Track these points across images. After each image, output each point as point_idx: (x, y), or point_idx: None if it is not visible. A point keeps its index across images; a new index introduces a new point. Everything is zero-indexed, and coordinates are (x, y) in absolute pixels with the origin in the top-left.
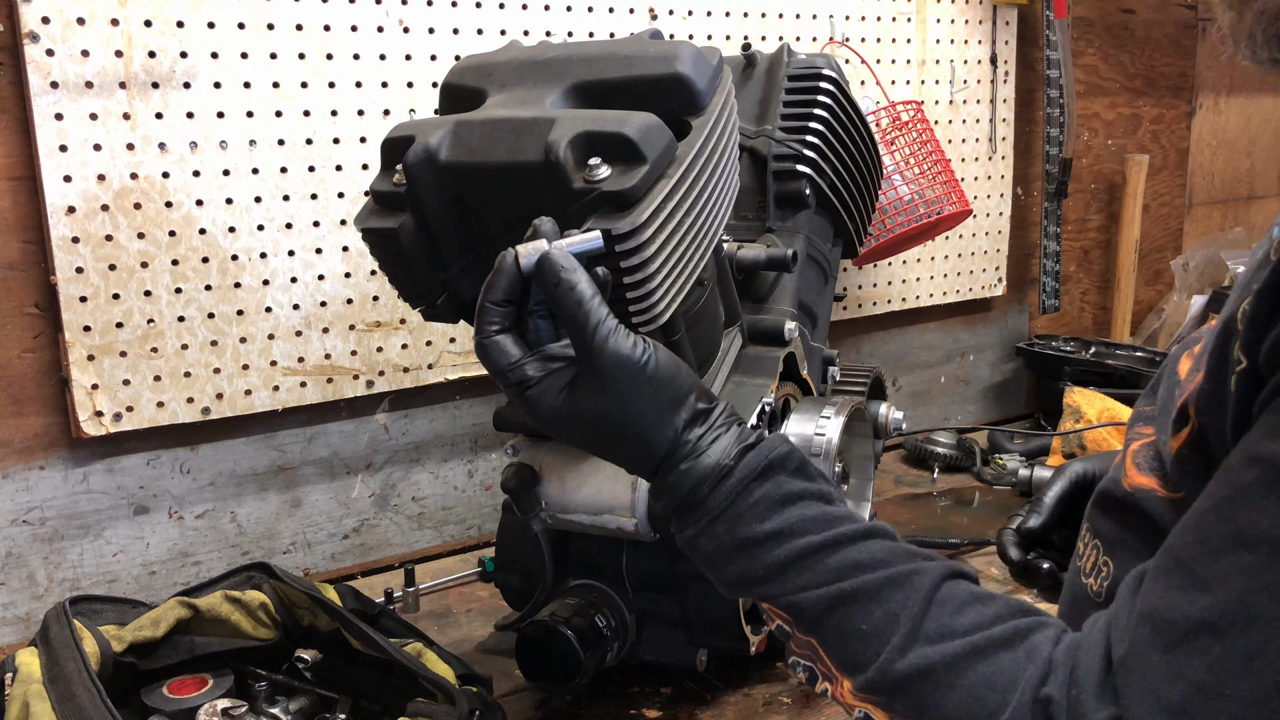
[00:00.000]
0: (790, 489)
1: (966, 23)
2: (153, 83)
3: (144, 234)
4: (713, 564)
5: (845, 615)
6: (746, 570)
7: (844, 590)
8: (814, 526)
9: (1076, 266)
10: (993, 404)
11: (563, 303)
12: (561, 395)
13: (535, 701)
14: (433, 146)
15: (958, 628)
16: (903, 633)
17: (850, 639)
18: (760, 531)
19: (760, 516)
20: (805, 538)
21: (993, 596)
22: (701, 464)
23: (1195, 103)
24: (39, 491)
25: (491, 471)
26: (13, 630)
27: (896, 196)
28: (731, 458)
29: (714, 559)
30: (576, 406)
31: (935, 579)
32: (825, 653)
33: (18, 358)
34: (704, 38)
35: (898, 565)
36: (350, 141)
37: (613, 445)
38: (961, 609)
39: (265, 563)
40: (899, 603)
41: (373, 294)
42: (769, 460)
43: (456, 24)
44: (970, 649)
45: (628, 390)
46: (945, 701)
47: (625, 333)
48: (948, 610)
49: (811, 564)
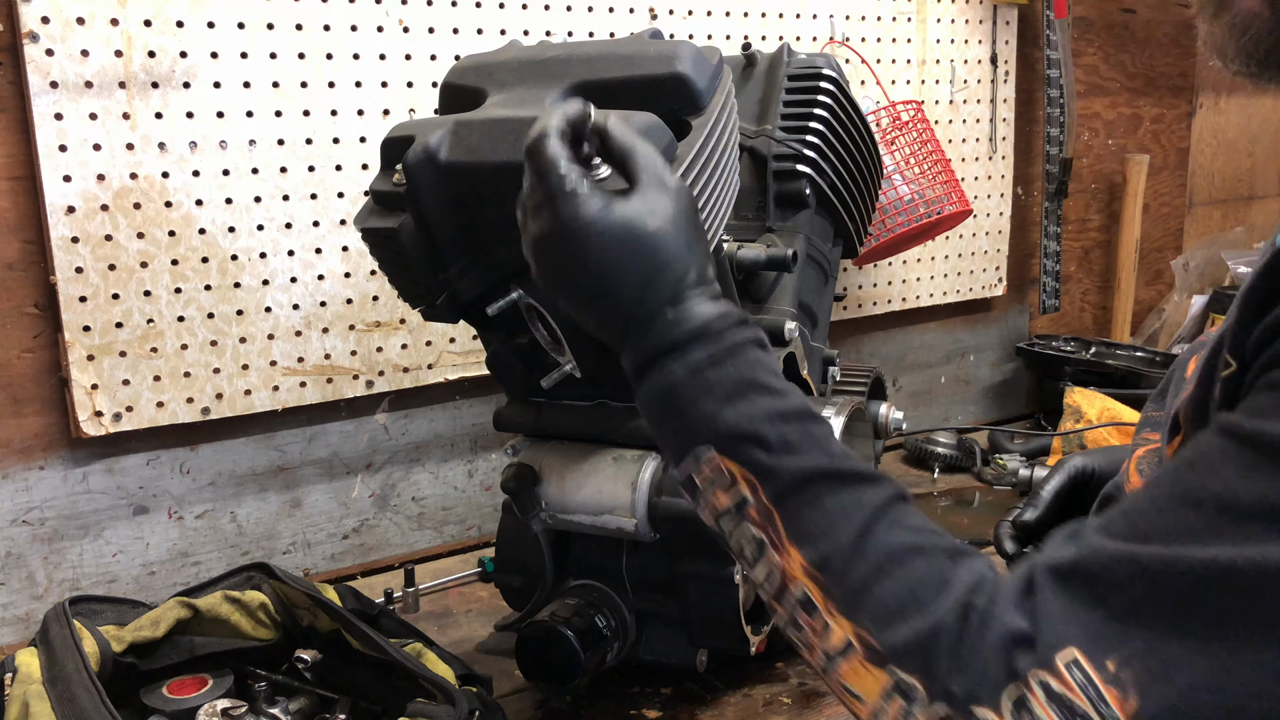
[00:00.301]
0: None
1: (967, 22)
2: (152, 82)
3: (144, 234)
4: (699, 401)
5: (817, 491)
6: (745, 414)
7: (825, 468)
8: (804, 403)
9: (1077, 266)
10: (993, 404)
11: (626, 137)
12: (606, 201)
13: (535, 701)
14: (433, 146)
15: (912, 526)
16: (863, 520)
17: (814, 515)
18: (771, 382)
19: (771, 369)
20: (806, 404)
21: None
22: (724, 302)
23: (1195, 102)
24: (39, 491)
25: (491, 471)
26: (13, 630)
27: (896, 196)
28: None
29: (706, 394)
30: (620, 211)
31: (903, 490)
32: (783, 523)
33: (17, 358)
34: (704, 38)
35: (872, 468)
36: (350, 141)
37: (639, 260)
38: (920, 519)
39: (265, 563)
40: (868, 494)
41: (373, 294)
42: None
43: (456, 24)
44: (915, 547)
45: (680, 209)
46: (882, 589)
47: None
48: (907, 515)
49: (809, 429)
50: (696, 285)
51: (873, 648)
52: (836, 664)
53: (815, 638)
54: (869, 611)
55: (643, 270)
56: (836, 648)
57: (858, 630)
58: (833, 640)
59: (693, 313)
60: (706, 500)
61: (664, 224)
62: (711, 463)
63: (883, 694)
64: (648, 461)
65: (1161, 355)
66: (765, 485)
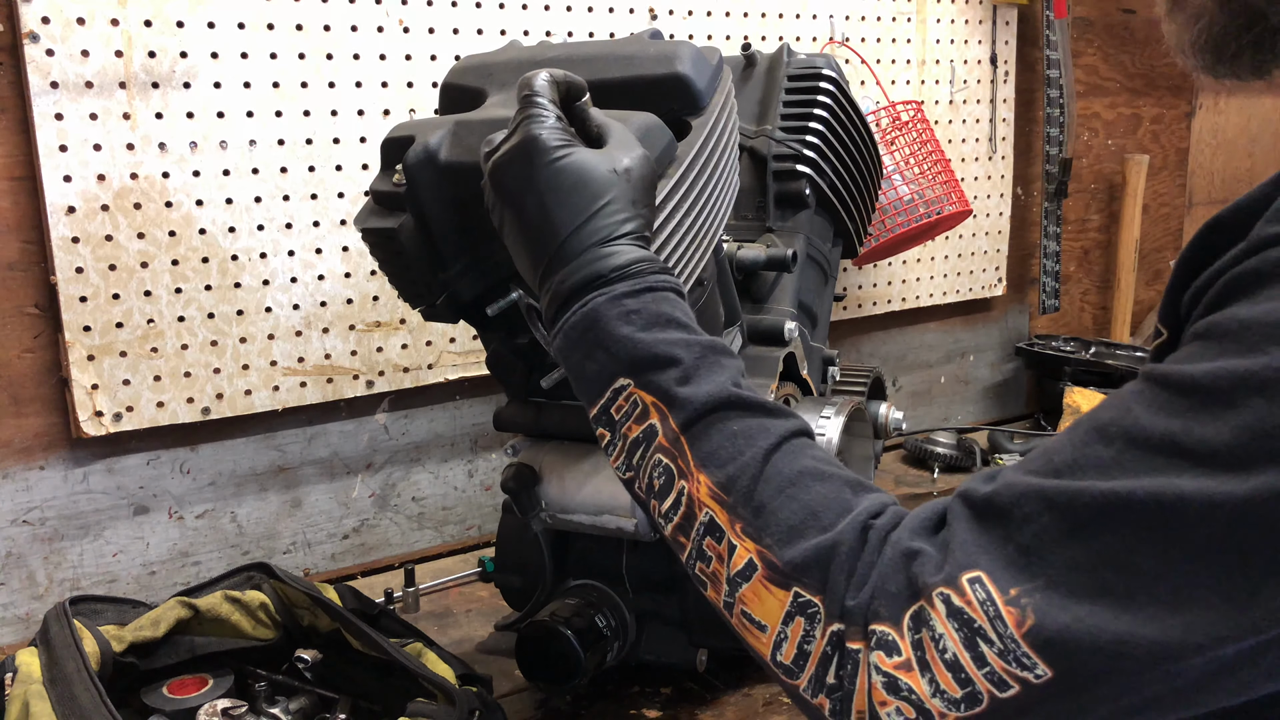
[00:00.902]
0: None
1: (966, 23)
2: (153, 83)
3: (144, 234)
4: (619, 328)
5: (725, 417)
6: (661, 339)
7: (733, 395)
8: (719, 340)
9: (1076, 266)
10: (993, 404)
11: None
12: (570, 141)
13: (535, 701)
14: (433, 146)
15: (816, 456)
16: (769, 445)
17: (721, 439)
18: (687, 321)
19: (687, 313)
20: (719, 341)
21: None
22: (640, 248)
23: (1195, 103)
24: (39, 491)
25: (491, 471)
26: (13, 630)
27: (896, 196)
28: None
29: (626, 322)
30: (581, 154)
31: (807, 426)
32: (690, 449)
33: (18, 358)
34: (704, 38)
35: (779, 404)
36: (350, 141)
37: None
38: (823, 453)
39: (265, 563)
40: (775, 424)
41: (373, 294)
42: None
43: (456, 24)
44: (819, 472)
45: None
46: (784, 509)
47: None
48: (811, 447)
49: (721, 361)
50: (631, 237)
51: (774, 565)
52: (739, 589)
53: (720, 565)
54: (771, 530)
55: (585, 208)
56: (739, 569)
57: (760, 549)
58: (736, 562)
59: (620, 252)
60: (619, 434)
61: (616, 177)
62: (628, 395)
63: (784, 617)
64: None
65: None
66: (675, 412)
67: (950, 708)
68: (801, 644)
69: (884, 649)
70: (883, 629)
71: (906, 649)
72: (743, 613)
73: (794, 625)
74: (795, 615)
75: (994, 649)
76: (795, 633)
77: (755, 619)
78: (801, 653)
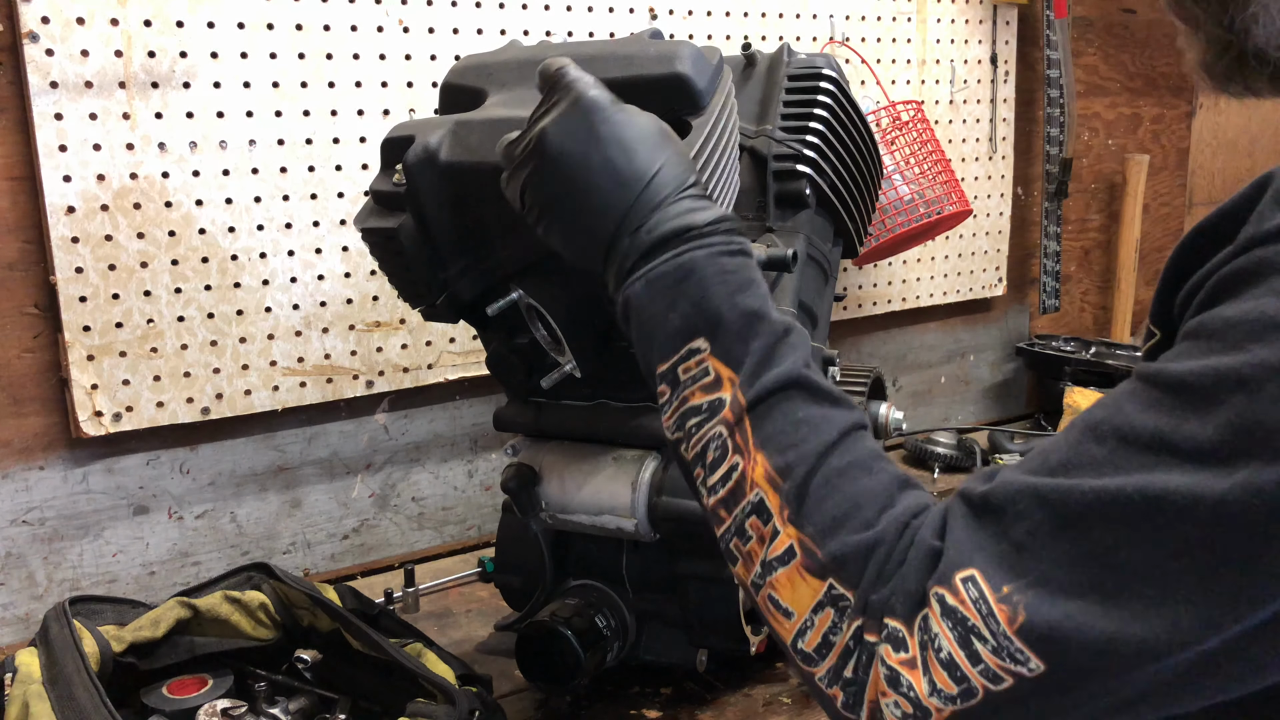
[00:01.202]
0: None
1: (967, 22)
2: (152, 82)
3: (144, 234)
4: (714, 286)
5: (791, 401)
6: (745, 316)
7: (801, 377)
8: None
9: (1077, 266)
10: (993, 404)
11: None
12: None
13: (535, 702)
14: (433, 146)
15: (870, 451)
16: (830, 437)
17: (785, 425)
18: (764, 287)
19: (760, 276)
20: (789, 320)
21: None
22: (712, 207)
23: (1196, 102)
24: (38, 492)
25: (491, 471)
26: (12, 630)
27: (896, 196)
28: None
29: (721, 281)
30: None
31: (864, 419)
32: (753, 429)
33: (17, 358)
34: (704, 38)
35: (842, 392)
36: (350, 141)
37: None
38: (876, 447)
39: (265, 563)
40: (838, 415)
41: (372, 294)
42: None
43: (456, 24)
44: (870, 469)
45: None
46: (833, 502)
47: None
48: (866, 440)
49: (792, 342)
50: (699, 188)
51: (814, 555)
52: (773, 573)
53: (758, 546)
54: (816, 521)
55: (655, 159)
56: (778, 554)
57: (802, 537)
58: (776, 547)
59: (705, 206)
60: (680, 396)
61: (667, 131)
62: (701, 360)
63: (814, 606)
64: (648, 461)
65: None
66: (746, 389)
67: (946, 703)
68: (827, 634)
69: (892, 644)
70: (894, 624)
71: (914, 647)
72: (770, 597)
73: (822, 615)
74: (826, 606)
75: (988, 646)
76: (822, 623)
77: (783, 605)
78: (825, 643)
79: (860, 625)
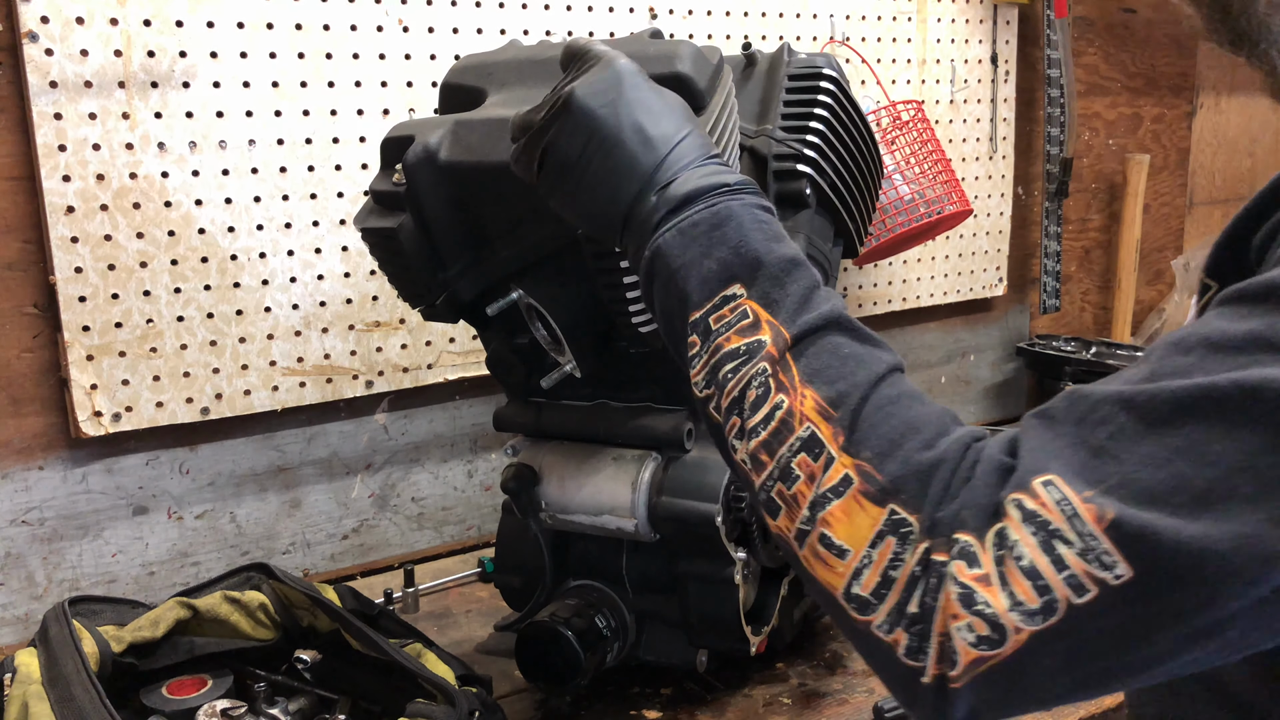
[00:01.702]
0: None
1: (967, 22)
2: (152, 82)
3: (143, 234)
4: (750, 235)
5: (838, 341)
6: (783, 261)
7: (844, 318)
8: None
9: (1077, 266)
10: (993, 404)
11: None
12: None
13: (535, 702)
14: (432, 146)
15: (915, 389)
16: (879, 371)
17: (833, 360)
18: (787, 235)
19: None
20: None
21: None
22: (738, 173)
23: (1196, 102)
24: (38, 492)
25: (491, 471)
26: (12, 631)
27: (897, 196)
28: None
29: (757, 230)
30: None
31: (898, 361)
32: (797, 366)
33: (17, 358)
34: (704, 37)
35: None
36: (350, 141)
37: (684, 111)
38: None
39: (264, 563)
40: (882, 353)
41: (372, 294)
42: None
43: (456, 23)
44: (921, 397)
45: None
46: (889, 426)
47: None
48: (908, 381)
49: (827, 290)
50: (721, 158)
51: (873, 478)
52: (826, 507)
53: (807, 485)
54: (874, 445)
55: (682, 125)
56: (833, 484)
57: (858, 463)
58: (831, 477)
59: (732, 169)
60: (713, 345)
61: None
62: (737, 306)
63: (873, 538)
64: (648, 461)
65: None
66: (789, 326)
67: (1026, 620)
68: (887, 570)
69: (965, 559)
70: (966, 539)
71: (988, 562)
72: (822, 537)
73: (882, 547)
74: (886, 535)
75: (1073, 549)
76: (882, 556)
77: (836, 543)
78: (885, 580)
79: (928, 547)
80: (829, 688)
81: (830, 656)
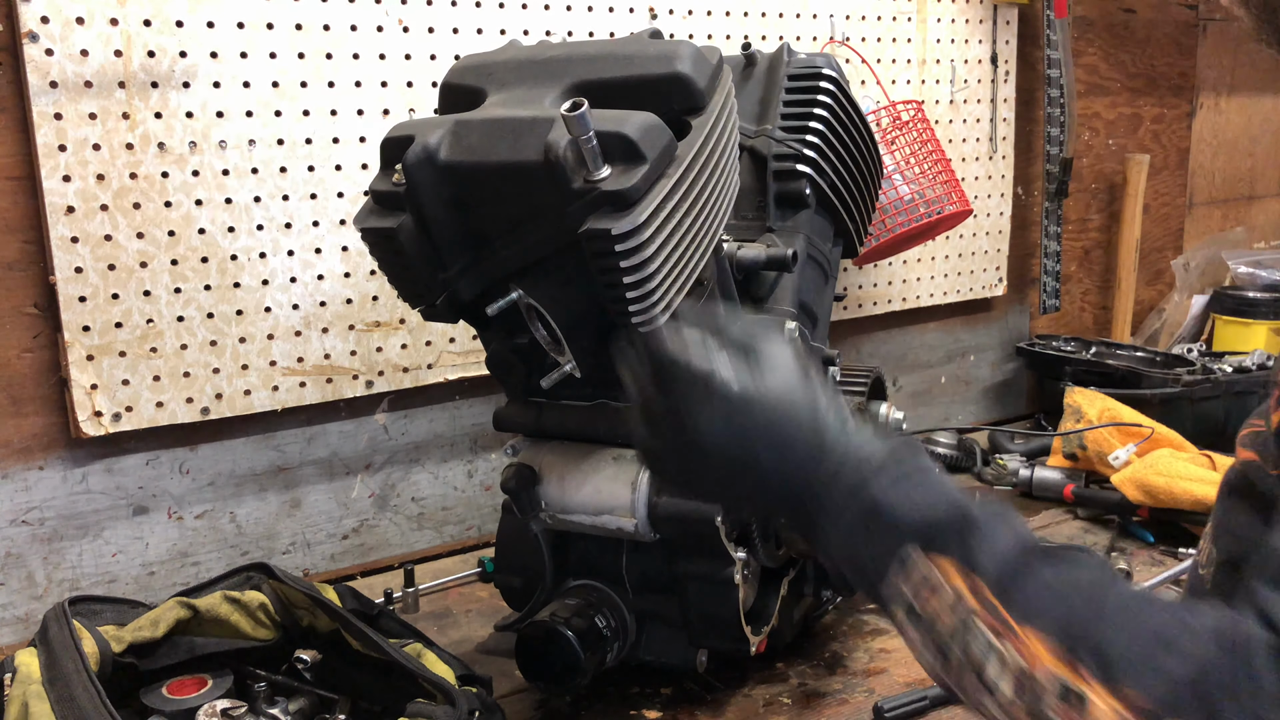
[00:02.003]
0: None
1: (967, 22)
2: (152, 82)
3: (143, 234)
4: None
5: (1036, 568)
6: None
7: (1032, 544)
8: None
9: (1077, 266)
10: (993, 404)
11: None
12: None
13: (535, 702)
14: (432, 146)
15: (1129, 587)
16: (1089, 588)
17: (1038, 590)
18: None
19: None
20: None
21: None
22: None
23: (1196, 102)
24: (38, 492)
25: (491, 471)
26: (12, 630)
27: (897, 196)
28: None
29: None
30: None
31: (1102, 557)
32: (1009, 611)
33: (17, 358)
34: (704, 37)
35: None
36: (350, 141)
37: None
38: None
39: (264, 563)
40: (1082, 563)
41: (372, 294)
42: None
43: (456, 24)
44: (1147, 599)
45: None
46: (1135, 647)
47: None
48: (1116, 573)
49: (1000, 513)
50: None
51: (1144, 710)
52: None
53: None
54: (1129, 674)
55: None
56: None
57: (1120, 698)
58: (1091, 712)
59: (873, 436)
60: (923, 610)
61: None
62: (914, 565)
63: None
64: None
65: (1162, 355)
66: (980, 572)
67: None
68: None
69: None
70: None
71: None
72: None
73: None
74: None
75: None
76: None
77: None
78: None
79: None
80: (829, 688)
81: (830, 656)
